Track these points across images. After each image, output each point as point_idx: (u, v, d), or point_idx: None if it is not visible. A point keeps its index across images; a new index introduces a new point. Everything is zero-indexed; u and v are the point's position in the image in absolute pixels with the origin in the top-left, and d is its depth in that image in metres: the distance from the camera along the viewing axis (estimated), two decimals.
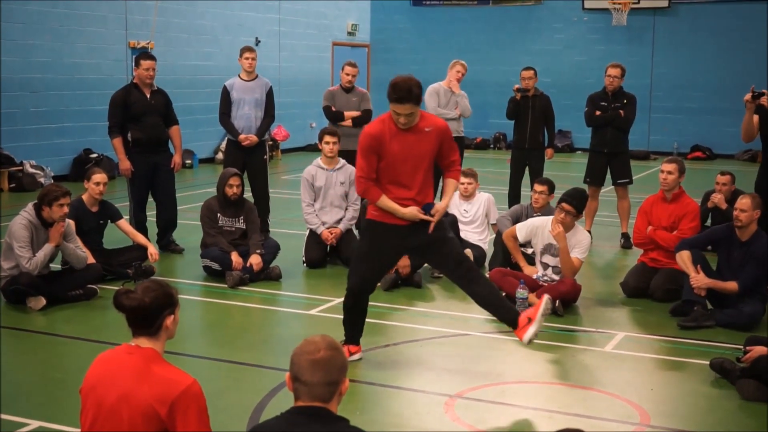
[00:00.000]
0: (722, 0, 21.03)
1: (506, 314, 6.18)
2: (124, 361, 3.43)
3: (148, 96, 9.65)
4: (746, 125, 7.89)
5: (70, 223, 7.81)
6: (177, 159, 10.01)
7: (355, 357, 6.25)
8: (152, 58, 9.71)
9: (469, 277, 6.10)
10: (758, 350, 5.82)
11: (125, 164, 9.57)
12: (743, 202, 7.34)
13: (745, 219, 7.31)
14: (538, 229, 8.01)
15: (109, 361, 3.49)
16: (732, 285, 7.29)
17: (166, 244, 9.86)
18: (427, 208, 5.98)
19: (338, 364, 3.09)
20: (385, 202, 5.96)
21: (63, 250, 7.68)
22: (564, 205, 7.74)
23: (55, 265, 8.07)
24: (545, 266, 7.98)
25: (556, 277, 7.87)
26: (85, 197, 8.44)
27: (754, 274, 7.28)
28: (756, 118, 7.81)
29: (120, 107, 9.56)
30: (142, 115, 9.58)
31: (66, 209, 7.55)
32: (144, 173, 9.66)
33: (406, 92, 5.69)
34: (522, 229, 8.12)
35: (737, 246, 7.42)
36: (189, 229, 10.21)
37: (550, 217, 7.91)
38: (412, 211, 5.94)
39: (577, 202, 7.77)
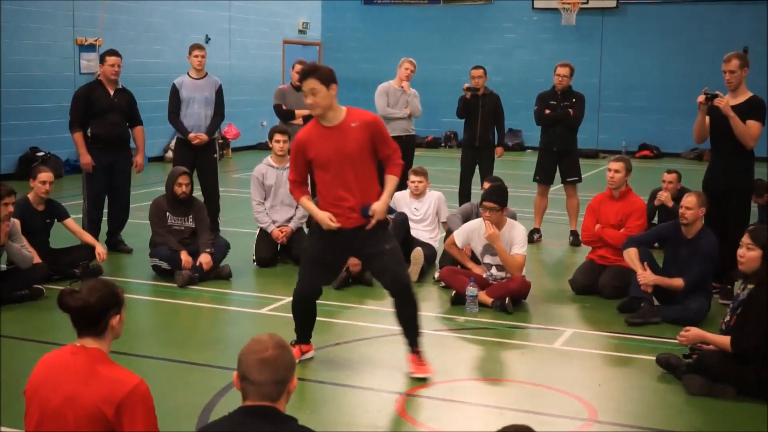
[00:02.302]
0: (670, 1, 21.33)
1: (410, 341, 6.09)
2: (69, 361, 3.39)
3: (112, 94, 9.55)
4: (699, 127, 7.97)
5: (15, 222, 7.69)
6: (139, 160, 9.92)
7: (308, 356, 6.24)
8: (117, 54, 9.62)
9: (398, 299, 5.98)
10: (695, 332, 5.89)
11: (86, 158, 9.46)
12: (689, 200, 7.45)
13: (691, 216, 7.42)
14: (473, 232, 8.05)
15: (54, 362, 3.44)
16: (678, 282, 7.39)
17: (115, 244, 9.75)
18: (365, 210, 5.83)
19: (286, 362, 3.07)
20: (304, 203, 6.00)
21: (8, 249, 7.56)
22: (486, 203, 7.79)
23: (0, 265, 7.94)
24: (489, 266, 8.02)
25: (502, 274, 7.91)
26: (30, 196, 8.31)
27: (699, 270, 7.39)
28: (708, 119, 7.90)
29: (82, 103, 9.46)
30: (103, 113, 9.48)
31: (11, 208, 7.44)
32: (101, 170, 9.55)
33: (310, 68, 5.72)
34: (459, 236, 8.16)
35: (683, 243, 7.52)
36: (138, 228, 10.10)
37: (482, 219, 7.94)
38: (323, 217, 5.84)
39: (497, 197, 7.81)
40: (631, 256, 7.60)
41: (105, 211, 9.88)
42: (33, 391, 3.41)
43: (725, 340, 5.72)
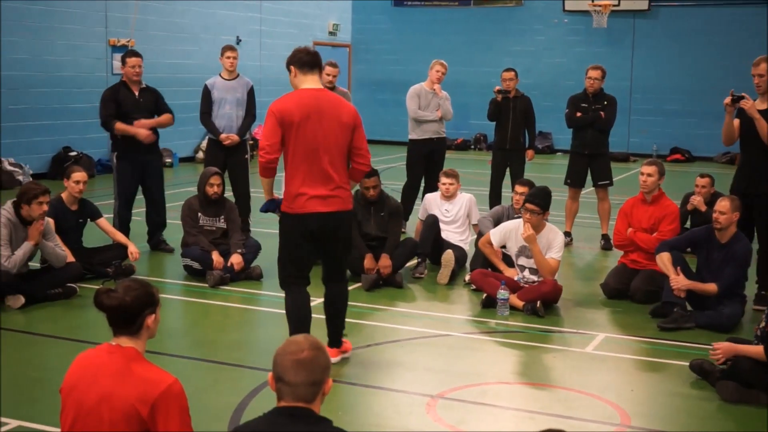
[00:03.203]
0: (701, 4, 21.17)
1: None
2: (105, 360, 3.40)
3: (137, 94, 9.59)
4: (727, 129, 7.90)
5: (50, 221, 7.76)
6: (146, 122, 9.51)
7: (337, 358, 6.23)
8: (138, 55, 9.64)
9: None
10: (727, 346, 5.82)
11: (143, 133, 9.41)
12: (722, 204, 7.38)
13: (724, 221, 7.35)
14: (510, 232, 8.03)
15: (90, 360, 3.46)
16: (711, 287, 7.33)
17: (156, 243, 9.84)
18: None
19: (322, 364, 3.08)
20: None
21: (42, 248, 7.63)
22: (528, 205, 7.76)
23: (34, 264, 8.00)
24: (522, 268, 7.99)
25: (534, 278, 7.89)
26: (64, 195, 8.38)
27: (733, 275, 7.32)
28: (737, 121, 7.83)
29: (111, 102, 9.47)
30: (131, 114, 9.49)
31: (45, 207, 7.50)
32: (132, 171, 9.59)
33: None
34: (495, 235, 8.15)
35: (716, 248, 7.45)
36: (170, 229, 10.14)
37: (521, 220, 7.93)
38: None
39: (540, 200, 7.78)
40: (663, 260, 7.55)
41: (137, 210, 9.95)
42: (69, 389, 3.43)
43: (758, 349, 5.65)
